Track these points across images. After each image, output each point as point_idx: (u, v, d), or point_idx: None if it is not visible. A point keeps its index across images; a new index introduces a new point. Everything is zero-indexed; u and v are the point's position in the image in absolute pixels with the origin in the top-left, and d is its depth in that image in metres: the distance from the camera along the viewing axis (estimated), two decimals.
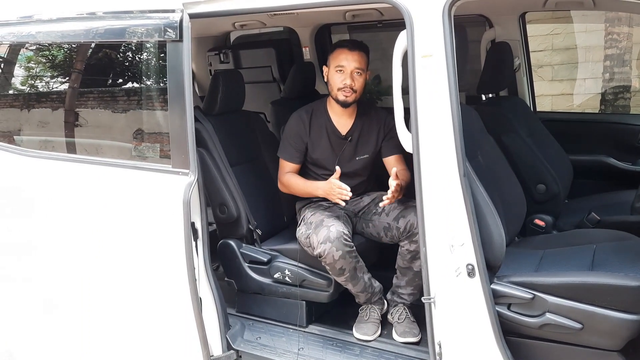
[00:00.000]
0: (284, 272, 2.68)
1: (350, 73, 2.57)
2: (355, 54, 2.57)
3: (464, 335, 2.06)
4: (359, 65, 2.57)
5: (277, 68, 4.13)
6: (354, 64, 2.57)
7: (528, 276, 2.09)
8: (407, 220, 2.48)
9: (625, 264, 2.07)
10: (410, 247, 2.50)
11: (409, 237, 2.49)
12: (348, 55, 2.57)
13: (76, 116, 2.83)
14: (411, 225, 2.46)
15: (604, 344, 1.99)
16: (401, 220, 2.51)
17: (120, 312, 2.60)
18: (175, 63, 2.27)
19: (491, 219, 2.05)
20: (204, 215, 2.41)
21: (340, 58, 2.58)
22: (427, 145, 1.98)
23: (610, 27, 5.54)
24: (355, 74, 2.58)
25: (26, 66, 3.06)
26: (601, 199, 3.12)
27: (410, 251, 2.50)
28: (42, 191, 2.72)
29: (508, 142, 2.95)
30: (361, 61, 2.58)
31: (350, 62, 2.56)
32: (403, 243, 2.52)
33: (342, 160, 2.68)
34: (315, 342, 2.59)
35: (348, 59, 2.57)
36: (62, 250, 2.67)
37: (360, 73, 2.59)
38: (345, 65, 2.57)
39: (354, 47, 2.59)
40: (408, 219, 2.48)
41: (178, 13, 2.27)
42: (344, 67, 2.57)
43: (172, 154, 2.34)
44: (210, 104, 2.87)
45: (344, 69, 2.57)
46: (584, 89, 6.02)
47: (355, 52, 2.57)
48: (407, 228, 2.49)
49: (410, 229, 2.47)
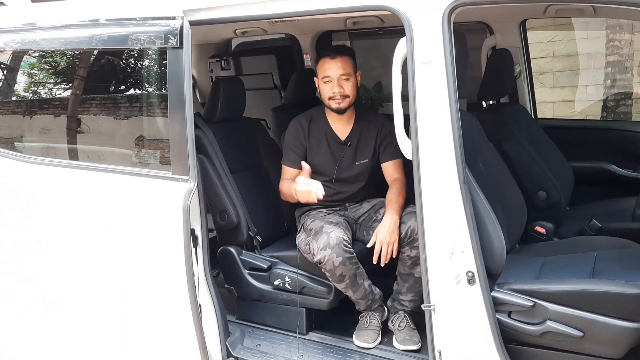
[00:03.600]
0: (284, 279, 2.67)
1: (337, 81, 2.58)
2: (338, 60, 2.58)
3: (464, 342, 2.05)
4: (343, 71, 2.58)
5: (278, 75, 4.14)
6: (338, 71, 2.58)
7: (529, 284, 2.08)
8: (408, 226, 2.47)
9: (626, 272, 2.06)
10: (411, 252, 2.49)
11: (410, 243, 2.48)
12: (331, 64, 2.58)
13: (77, 123, 2.84)
14: (412, 231, 2.45)
15: (605, 352, 1.98)
16: (402, 226, 2.50)
17: (120, 319, 2.59)
18: (176, 70, 2.28)
19: (491, 226, 2.05)
20: (204, 221, 2.41)
21: (324, 68, 2.60)
22: (427, 152, 1.98)
23: (612, 34, 5.55)
24: (343, 80, 2.59)
25: (29, 73, 3.08)
26: (602, 206, 3.11)
27: (411, 257, 2.49)
28: (43, 198, 2.73)
29: (509, 149, 2.95)
30: (345, 66, 2.58)
31: (334, 70, 2.58)
32: (404, 249, 2.51)
33: (342, 166, 2.68)
34: (315, 350, 2.58)
35: (332, 67, 2.58)
36: (63, 256, 2.67)
37: (347, 78, 2.59)
38: (330, 74, 2.58)
39: (335, 54, 2.60)
40: (408, 225, 2.47)
41: (179, 20, 2.28)
42: (329, 77, 2.59)
43: (172, 160, 2.34)
44: (210, 110, 2.87)
45: (330, 78, 2.59)
46: (585, 96, 6.02)
47: (338, 59, 2.58)
48: (408, 234, 2.47)
49: (411, 234, 2.46)
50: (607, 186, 3.38)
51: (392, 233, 2.44)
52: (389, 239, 2.43)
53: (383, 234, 2.44)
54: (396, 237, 2.45)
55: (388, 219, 2.48)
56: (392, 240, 2.43)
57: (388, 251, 2.43)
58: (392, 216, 2.48)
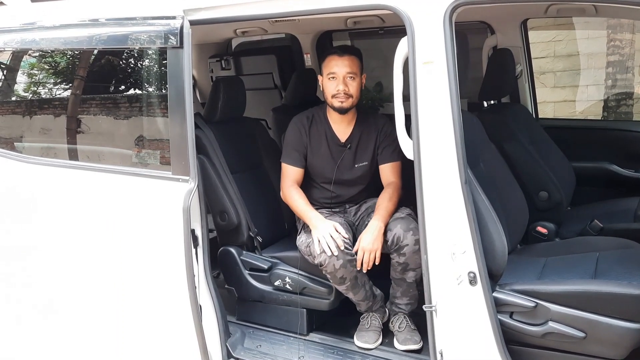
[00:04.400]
0: (284, 280, 2.66)
1: (343, 78, 2.56)
2: (346, 58, 2.56)
3: (466, 343, 2.04)
4: (350, 70, 2.56)
5: (278, 75, 4.14)
6: (345, 69, 2.55)
7: (530, 284, 2.08)
8: (394, 234, 2.41)
9: (628, 272, 2.05)
10: (399, 259, 2.44)
11: (397, 250, 2.42)
12: (338, 61, 2.56)
13: (77, 123, 2.83)
14: (397, 239, 2.40)
15: (607, 353, 1.97)
16: (388, 233, 2.45)
17: (120, 319, 2.59)
18: (176, 69, 2.27)
19: (493, 226, 2.04)
20: (204, 222, 2.40)
21: (331, 65, 2.57)
22: (428, 152, 1.98)
23: (613, 34, 5.54)
24: (348, 78, 2.56)
25: (29, 73, 3.07)
26: (604, 207, 3.10)
27: (400, 263, 2.44)
28: (43, 198, 2.72)
29: (510, 149, 2.94)
30: (352, 65, 2.56)
31: (341, 68, 2.55)
32: (392, 256, 2.47)
33: (342, 168, 2.66)
34: (316, 350, 2.57)
35: (339, 64, 2.56)
36: (62, 256, 2.66)
37: (353, 77, 2.57)
38: (337, 71, 2.56)
39: (343, 52, 2.58)
40: (394, 232, 2.41)
41: (179, 20, 2.27)
42: (335, 74, 2.56)
43: (172, 160, 2.33)
44: (211, 110, 2.86)
45: (335, 75, 2.56)
46: (586, 96, 6.01)
47: (346, 57, 2.56)
48: (395, 241, 2.41)
49: (397, 242, 2.40)
50: (608, 186, 3.37)
51: (375, 240, 2.40)
52: (370, 246, 2.39)
53: (366, 242, 2.41)
54: (379, 244, 2.41)
55: (372, 226, 2.44)
56: (374, 248, 2.39)
57: (370, 258, 2.40)
58: (377, 222, 2.44)
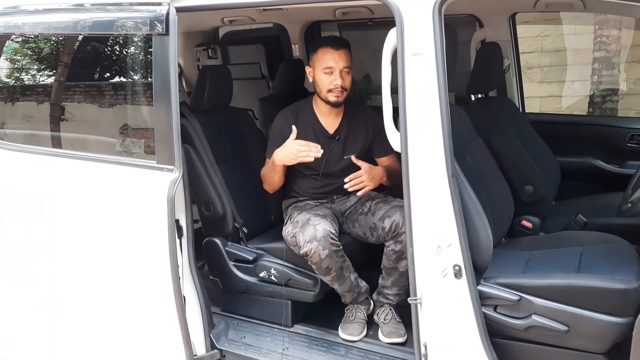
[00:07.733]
0: (269, 271, 2.65)
1: (340, 73, 2.53)
2: (342, 52, 2.53)
3: (450, 336, 2.04)
4: (346, 64, 2.53)
5: (266, 65, 4.11)
6: (342, 63, 2.52)
7: (515, 278, 2.09)
8: (393, 220, 2.46)
9: (611, 267, 2.07)
10: (395, 247, 2.48)
11: (394, 237, 2.47)
12: (335, 55, 2.52)
13: (61, 110, 2.79)
14: (396, 225, 2.44)
15: (589, 346, 1.99)
16: (386, 220, 2.49)
17: (102, 310, 2.56)
18: (161, 57, 2.24)
19: (479, 220, 2.05)
20: (189, 212, 2.38)
21: (326, 59, 2.53)
22: (415, 145, 1.97)
23: (600, 30, 5.56)
24: (344, 73, 2.54)
25: (11, 59, 3.01)
26: (588, 202, 3.12)
27: (396, 251, 2.48)
28: (24, 186, 2.68)
29: (496, 143, 2.94)
30: (347, 59, 2.54)
31: (338, 62, 2.52)
32: (388, 243, 2.50)
33: (330, 160, 2.65)
34: (301, 342, 2.57)
35: (335, 58, 2.52)
36: (44, 246, 2.63)
37: (348, 71, 2.55)
38: (334, 65, 2.52)
39: (339, 45, 2.55)
40: (393, 219, 2.46)
41: (165, 6, 2.23)
42: (332, 68, 2.53)
43: (156, 149, 2.30)
44: (197, 99, 2.83)
45: (332, 69, 2.53)
46: (572, 91, 6.04)
47: (342, 51, 2.53)
48: (393, 228, 2.46)
49: (396, 229, 2.45)
50: (593, 181, 3.40)
51: (375, 179, 2.54)
52: (372, 177, 2.53)
53: (371, 172, 2.54)
54: (377, 184, 2.55)
55: (381, 171, 2.59)
56: (373, 179, 2.53)
57: (359, 183, 2.51)
58: (384, 171, 2.60)
